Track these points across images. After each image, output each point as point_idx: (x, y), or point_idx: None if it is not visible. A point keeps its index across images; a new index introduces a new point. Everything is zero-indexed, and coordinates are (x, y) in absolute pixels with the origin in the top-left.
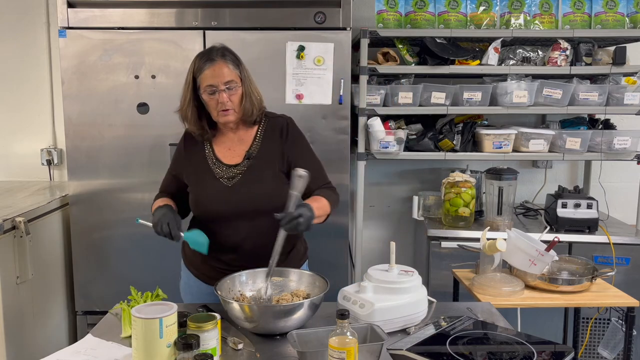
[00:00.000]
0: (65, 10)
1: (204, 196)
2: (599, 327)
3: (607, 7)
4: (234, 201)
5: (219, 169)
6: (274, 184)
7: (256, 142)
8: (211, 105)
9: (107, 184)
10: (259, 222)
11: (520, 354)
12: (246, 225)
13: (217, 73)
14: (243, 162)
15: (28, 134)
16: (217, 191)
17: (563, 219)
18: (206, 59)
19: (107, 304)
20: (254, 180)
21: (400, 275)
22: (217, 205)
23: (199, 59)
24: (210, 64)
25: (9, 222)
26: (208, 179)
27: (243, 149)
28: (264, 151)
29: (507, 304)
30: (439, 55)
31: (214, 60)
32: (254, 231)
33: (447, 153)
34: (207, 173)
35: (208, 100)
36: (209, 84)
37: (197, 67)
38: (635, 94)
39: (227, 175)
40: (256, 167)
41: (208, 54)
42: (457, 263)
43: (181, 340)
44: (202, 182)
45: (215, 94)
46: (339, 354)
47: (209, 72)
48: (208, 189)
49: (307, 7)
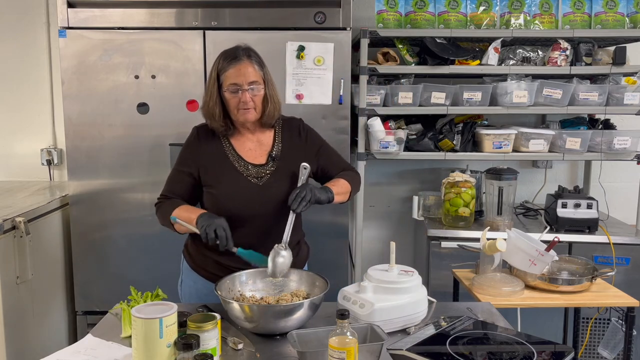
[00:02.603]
0: (65, 10)
1: (234, 193)
2: (599, 327)
3: (607, 7)
4: (266, 199)
5: (244, 168)
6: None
7: (277, 144)
8: (232, 104)
9: (107, 184)
10: (278, 221)
11: (520, 354)
12: (266, 224)
13: (242, 72)
14: (268, 163)
15: (28, 134)
16: (248, 189)
17: (563, 219)
18: (231, 57)
19: (107, 304)
20: (283, 179)
21: (400, 275)
22: (246, 203)
23: (223, 57)
24: (235, 63)
25: (9, 222)
26: (236, 176)
27: (264, 150)
28: (286, 152)
29: (507, 304)
30: (439, 55)
31: (240, 59)
32: (271, 231)
33: (447, 153)
34: (233, 171)
35: (230, 98)
36: (233, 82)
37: (221, 65)
38: (635, 94)
39: (256, 175)
40: (282, 167)
41: (234, 53)
42: (457, 263)
43: (181, 340)
44: (230, 180)
45: (238, 93)
46: (339, 354)
47: (234, 71)
48: (238, 187)
49: (307, 7)
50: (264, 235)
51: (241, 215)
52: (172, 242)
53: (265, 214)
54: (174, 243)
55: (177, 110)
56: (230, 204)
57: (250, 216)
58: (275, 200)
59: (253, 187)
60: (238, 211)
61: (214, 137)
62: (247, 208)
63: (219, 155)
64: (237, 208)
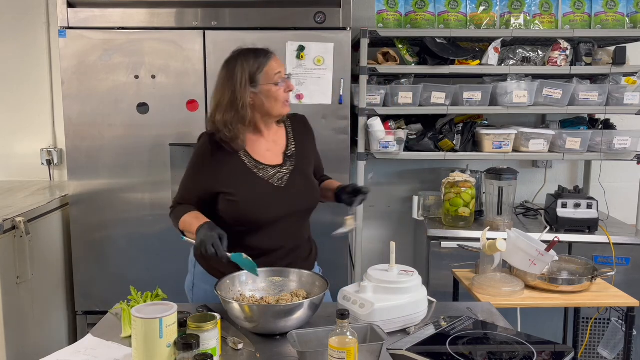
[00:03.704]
0: (65, 10)
1: (256, 199)
2: (599, 327)
3: (607, 7)
4: (289, 201)
5: (263, 172)
6: (314, 179)
7: (290, 141)
8: (278, 96)
9: (107, 184)
10: (299, 222)
11: (520, 354)
12: (289, 225)
13: (280, 63)
14: (285, 163)
15: (28, 134)
16: (270, 193)
17: (563, 219)
18: (262, 53)
19: (107, 304)
20: (302, 177)
21: (400, 275)
22: (270, 207)
23: (253, 56)
24: (270, 56)
25: (9, 222)
26: (255, 182)
27: (279, 149)
28: (301, 149)
29: (507, 304)
30: (439, 55)
31: (270, 53)
32: (294, 231)
33: (447, 153)
34: (251, 176)
35: (275, 90)
36: (279, 71)
37: (255, 64)
38: (635, 94)
39: (276, 177)
40: (299, 165)
41: (260, 50)
42: (457, 263)
43: (181, 340)
44: (251, 186)
45: (283, 82)
46: (339, 354)
47: (274, 62)
48: (260, 192)
49: (307, 7)
50: (286, 236)
51: (264, 220)
52: (172, 242)
53: (289, 215)
54: (174, 243)
55: (177, 110)
56: (253, 210)
57: (273, 219)
58: (297, 201)
59: (275, 190)
60: (261, 216)
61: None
62: (271, 212)
63: (235, 161)
64: (260, 213)
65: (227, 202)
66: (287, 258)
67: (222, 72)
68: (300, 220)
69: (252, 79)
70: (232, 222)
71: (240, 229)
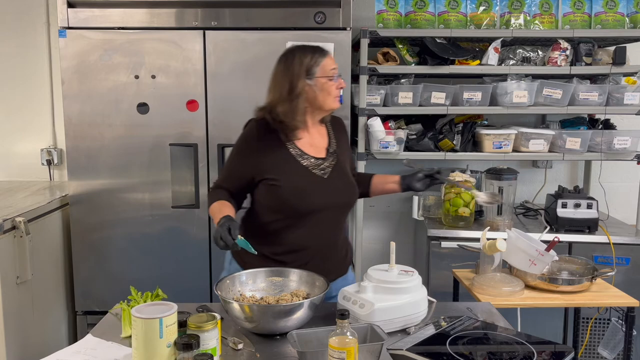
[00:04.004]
0: (65, 10)
1: (300, 186)
2: (599, 327)
3: (607, 7)
4: (330, 192)
5: (307, 161)
6: (353, 178)
7: (331, 139)
8: (331, 90)
9: (107, 184)
10: (336, 218)
11: (520, 354)
12: (326, 218)
13: (334, 61)
14: (328, 158)
15: (28, 134)
16: (314, 182)
17: (563, 219)
18: (319, 50)
19: (107, 304)
20: (343, 173)
21: (400, 275)
22: (312, 196)
23: (311, 50)
24: (326, 53)
25: (9, 222)
26: (300, 170)
27: (322, 146)
28: (340, 147)
29: (507, 304)
30: (439, 55)
31: (326, 51)
32: (327, 229)
33: (447, 153)
34: (295, 164)
35: (328, 85)
36: (333, 67)
37: (312, 59)
38: (635, 94)
39: (319, 167)
40: (340, 162)
41: (317, 47)
42: (457, 263)
43: (181, 340)
44: (296, 173)
45: (337, 79)
46: (339, 354)
47: (329, 60)
48: (305, 180)
49: (307, 7)
50: (323, 232)
51: (304, 209)
52: (172, 242)
53: (328, 208)
54: (174, 243)
55: (177, 110)
56: (295, 197)
57: (312, 210)
58: (338, 194)
59: (319, 179)
60: (302, 204)
61: (273, 132)
62: (312, 201)
63: (281, 149)
64: (302, 201)
65: (269, 188)
66: (323, 256)
67: (279, 65)
68: (338, 215)
69: (309, 71)
70: (271, 211)
71: (278, 221)
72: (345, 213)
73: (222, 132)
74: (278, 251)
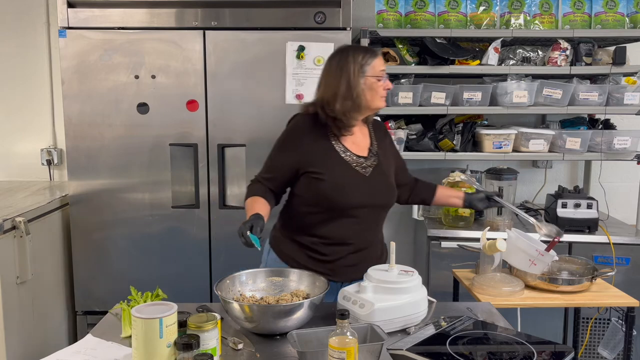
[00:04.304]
0: (65, 10)
1: (343, 182)
2: (599, 327)
3: (607, 7)
4: (372, 191)
5: (350, 158)
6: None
7: (373, 140)
8: (378, 90)
9: (107, 184)
10: (373, 218)
11: (520, 354)
12: (366, 217)
13: (383, 62)
14: (370, 157)
15: (28, 134)
16: (355, 179)
17: (563, 219)
18: (370, 50)
19: (107, 304)
20: (384, 174)
21: (400, 275)
22: (353, 193)
23: (363, 50)
24: (378, 53)
25: (9, 222)
26: (343, 166)
27: (365, 146)
28: (382, 150)
29: (507, 304)
30: (439, 55)
31: (377, 51)
32: (363, 229)
33: (447, 153)
34: (339, 160)
35: (378, 85)
36: (383, 68)
37: (364, 58)
38: (635, 94)
39: (361, 165)
40: (382, 163)
41: (368, 47)
42: (457, 263)
43: (181, 340)
44: (339, 169)
45: (385, 79)
46: (339, 354)
47: (379, 60)
48: (347, 176)
49: (307, 7)
50: (359, 231)
51: (343, 204)
52: (172, 242)
53: (366, 206)
54: (174, 243)
55: (177, 110)
56: (337, 191)
57: (352, 206)
58: (377, 194)
59: (360, 177)
60: (342, 199)
61: (318, 127)
62: (352, 197)
63: (327, 144)
64: (343, 196)
65: (311, 181)
66: (358, 253)
67: (331, 64)
68: (376, 215)
69: (361, 70)
70: (310, 204)
71: (316, 214)
72: (383, 214)
73: (222, 132)
74: (316, 242)
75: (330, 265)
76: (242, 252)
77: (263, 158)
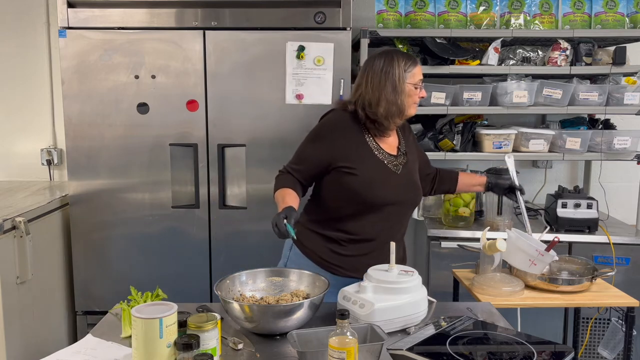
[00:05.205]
0: (65, 10)
1: (375, 178)
2: (599, 327)
3: (607, 7)
4: (402, 189)
5: (382, 155)
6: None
7: (401, 140)
8: (413, 98)
9: (107, 184)
10: (399, 215)
11: (520, 354)
12: (394, 214)
13: (421, 72)
14: (400, 156)
15: (28, 134)
16: (386, 175)
17: (563, 219)
18: (412, 58)
19: (107, 304)
20: (412, 172)
21: (400, 275)
22: (385, 189)
23: (405, 56)
24: (418, 62)
25: (9, 222)
26: (376, 162)
27: (394, 145)
28: (409, 149)
29: (507, 304)
30: (439, 55)
31: (417, 60)
32: (389, 226)
33: (447, 153)
34: (372, 156)
35: (415, 93)
36: (421, 78)
37: (407, 64)
38: (635, 94)
39: (392, 163)
40: (410, 162)
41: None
42: (457, 263)
43: (181, 340)
44: (371, 164)
45: (421, 89)
46: (339, 354)
47: (419, 69)
48: (380, 173)
49: (307, 7)
50: (385, 227)
51: (372, 199)
52: (172, 242)
53: (394, 203)
54: (174, 243)
55: (177, 110)
56: (367, 187)
57: (380, 202)
58: (406, 192)
59: (391, 174)
60: (372, 194)
61: (355, 125)
62: (383, 193)
63: (360, 140)
64: (373, 191)
65: (343, 176)
66: (382, 250)
67: (374, 66)
68: (402, 213)
69: (404, 77)
70: (339, 199)
71: (344, 208)
72: (409, 212)
73: (222, 132)
74: (341, 237)
75: (353, 261)
76: (242, 252)
77: (263, 158)
